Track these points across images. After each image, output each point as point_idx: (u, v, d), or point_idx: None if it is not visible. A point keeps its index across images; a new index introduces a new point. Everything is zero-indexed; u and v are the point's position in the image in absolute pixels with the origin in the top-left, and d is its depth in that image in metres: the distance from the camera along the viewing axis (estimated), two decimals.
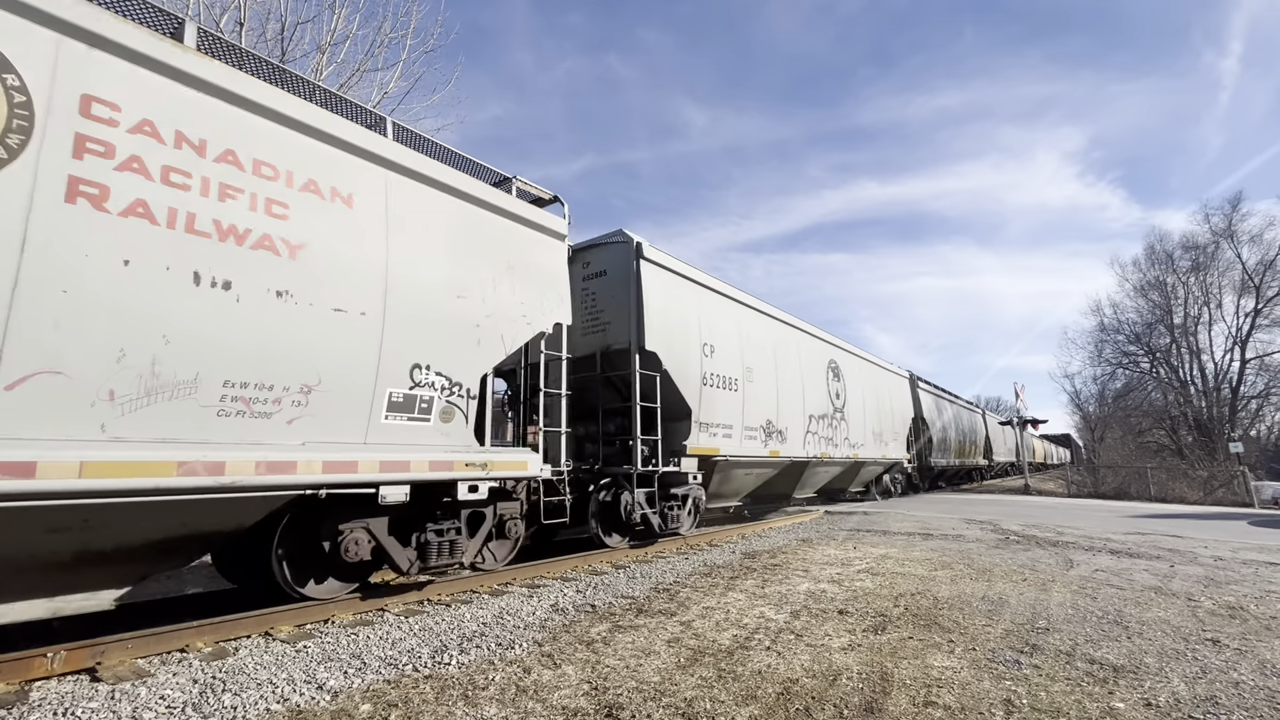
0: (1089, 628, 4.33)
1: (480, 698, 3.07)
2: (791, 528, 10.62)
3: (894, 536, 9.36)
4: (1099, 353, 42.44)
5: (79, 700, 2.97)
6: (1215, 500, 21.58)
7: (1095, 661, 3.62)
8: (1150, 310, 39.15)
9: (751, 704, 2.99)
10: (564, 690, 3.16)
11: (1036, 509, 15.94)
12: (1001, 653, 3.76)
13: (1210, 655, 3.77)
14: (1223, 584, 5.97)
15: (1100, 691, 3.17)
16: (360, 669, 3.46)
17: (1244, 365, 34.74)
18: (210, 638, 3.90)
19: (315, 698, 3.06)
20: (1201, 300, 36.90)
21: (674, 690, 3.15)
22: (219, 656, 3.64)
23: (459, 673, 3.42)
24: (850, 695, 3.10)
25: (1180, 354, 37.73)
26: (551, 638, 4.08)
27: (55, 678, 3.28)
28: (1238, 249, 35.25)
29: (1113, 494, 24.12)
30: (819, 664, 3.56)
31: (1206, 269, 36.61)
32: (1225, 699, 3.08)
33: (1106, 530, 10.71)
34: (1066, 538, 9.39)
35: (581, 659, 3.65)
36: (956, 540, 8.93)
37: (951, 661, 3.60)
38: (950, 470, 24.64)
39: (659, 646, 3.88)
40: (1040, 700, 3.05)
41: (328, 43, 12.59)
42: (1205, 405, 35.66)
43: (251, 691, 3.11)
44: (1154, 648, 3.90)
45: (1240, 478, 22.20)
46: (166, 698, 3.02)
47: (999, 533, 9.96)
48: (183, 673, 3.37)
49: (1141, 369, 40.65)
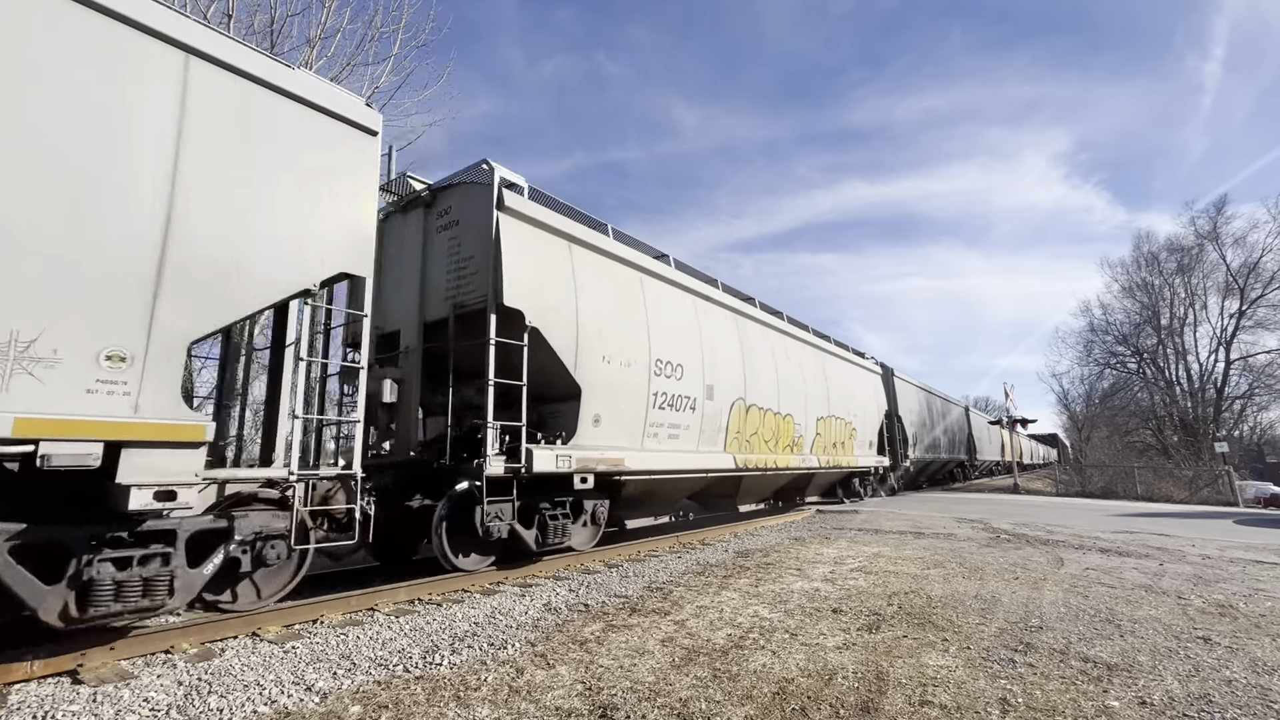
0: (1082, 626, 4.34)
1: (473, 699, 3.02)
2: (784, 526, 10.63)
3: (886, 535, 9.38)
4: (1088, 353, 42.95)
5: (59, 703, 2.90)
6: (1201, 499, 21.84)
7: (1089, 660, 3.62)
8: (1138, 311, 39.65)
9: (747, 704, 2.97)
10: (558, 691, 3.12)
11: (1026, 508, 16.06)
12: (996, 651, 3.76)
13: (1202, 653, 3.78)
14: (1212, 582, 6.02)
15: (1095, 690, 3.17)
16: (350, 670, 3.40)
17: (1228, 366, 35.27)
18: (196, 638, 3.82)
19: (303, 699, 3.00)
20: (1187, 302, 37.44)
21: (669, 690, 3.12)
22: (205, 658, 3.57)
23: (451, 673, 3.37)
24: (846, 695, 3.08)
25: (1167, 354, 38.26)
26: (544, 637, 4.03)
27: (35, 680, 3.20)
28: (1222, 251, 35.78)
29: (1100, 493, 24.37)
30: (814, 663, 3.54)
31: (1192, 271, 37.15)
32: (1219, 697, 3.09)
33: (1095, 529, 10.79)
34: (1056, 536, 9.45)
35: (575, 659, 3.60)
36: (948, 539, 8.96)
37: (946, 660, 3.59)
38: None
39: (653, 646, 3.84)
40: (1036, 699, 3.04)
41: (317, 36, 12.45)
42: (1191, 405, 36.13)
43: (238, 693, 3.05)
44: (1146, 646, 3.91)
45: (1225, 477, 22.49)
46: (150, 700, 2.95)
47: (990, 531, 10.01)
48: (167, 675, 3.30)
49: (1129, 369, 41.15)
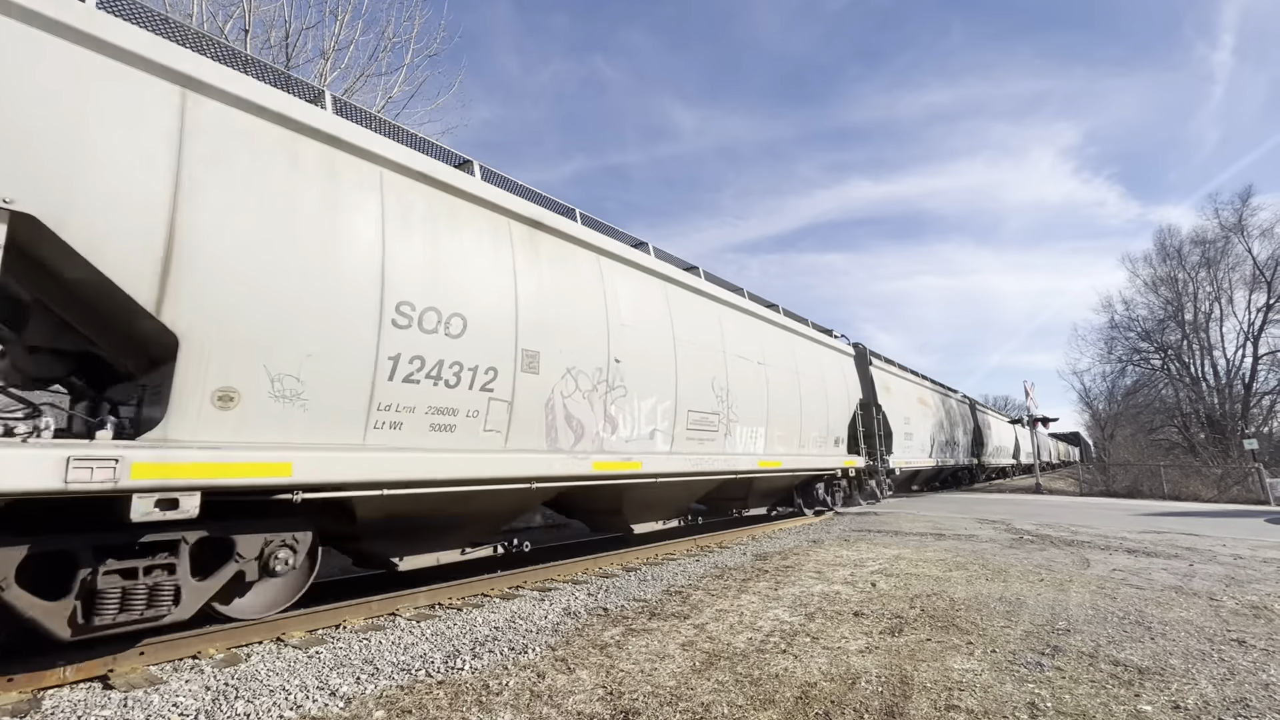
0: (1110, 628, 4.25)
1: (494, 703, 3.03)
2: (801, 529, 10.54)
3: (906, 537, 9.27)
4: (1109, 350, 42.08)
5: (91, 708, 2.95)
6: (1230, 498, 21.30)
7: (1119, 663, 3.55)
8: (1161, 306, 38.79)
9: (770, 708, 2.94)
10: (579, 695, 3.12)
11: (1048, 508, 15.78)
12: (1022, 654, 3.69)
13: (1237, 656, 3.69)
14: (1244, 583, 5.87)
15: (1126, 694, 3.10)
16: (373, 675, 3.43)
17: (1256, 361, 34.33)
18: (222, 644, 3.88)
19: (328, 704, 3.03)
20: (1213, 296, 36.51)
21: (690, 695, 3.10)
22: (231, 663, 3.62)
23: (472, 678, 3.38)
24: (870, 699, 3.05)
25: (1192, 350, 37.36)
26: (564, 642, 4.04)
27: (68, 686, 3.26)
28: (1248, 243, 34.89)
29: (1125, 492, 23.86)
30: (837, 667, 3.50)
31: (1217, 264, 36.22)
32: (1256, 701, 3.00)
33: (1121, 529, 10.57)
34: (1081, 537, 9.27)
35: (595, 663, 3.60)
36: (970, 540, 8.83)
37: (972, 664, 3.54)
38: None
39: (673, 650, 3.83)
40: (1065, 703, 2.98)
41: (331, 49, 12.64)
42: (1218, 402, 35.26)
43: (264, 698, 3.09)
44: (1178, 648, 3.82)
45: (1255, 475, 21.91)
46: (179, 705, 3.00)
47: (1012, 532, 9.85)
48: (195, 680, 3.35)
49: (1152, 366, 40.28)
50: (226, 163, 3.71)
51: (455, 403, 4.77)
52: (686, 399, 7.41)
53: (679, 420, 7.28)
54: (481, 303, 5.02)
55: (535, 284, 5.61)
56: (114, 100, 3.34)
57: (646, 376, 6.81)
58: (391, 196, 4.59)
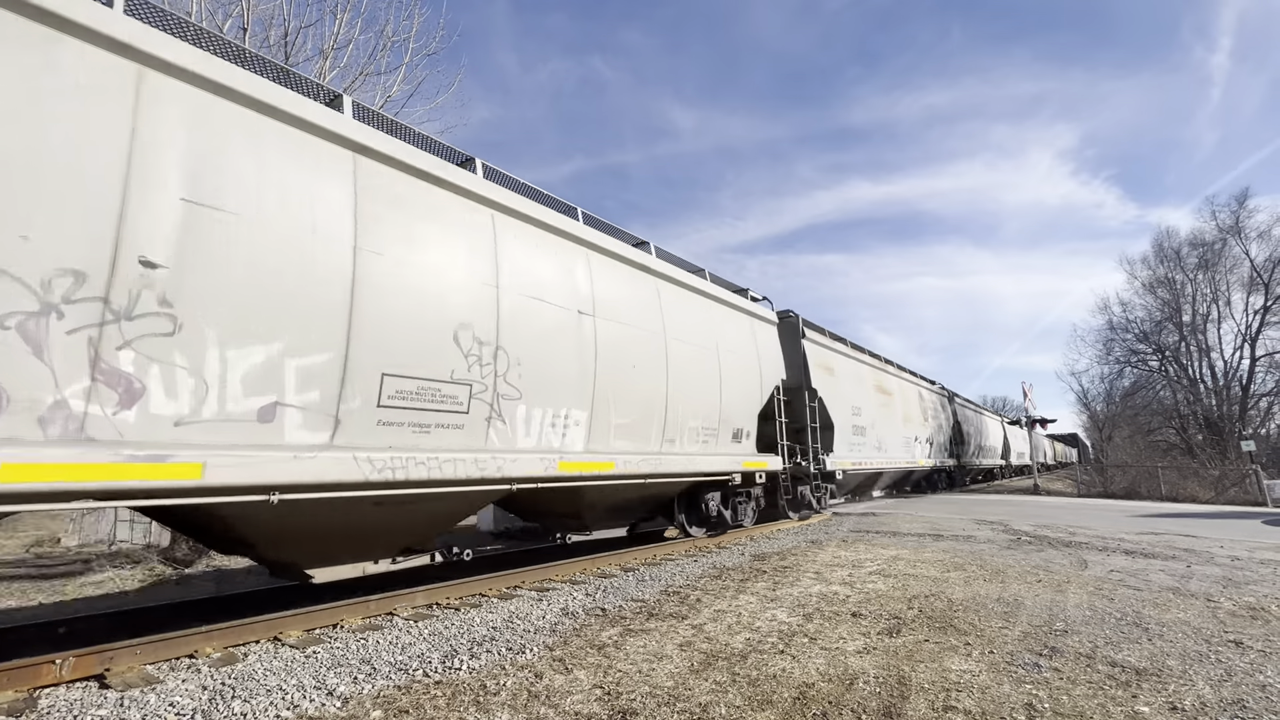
0: (1108, 630, 4.26)
1: (492, 704, 3.03)
2: (800, 529, 10.55)
3: (904, 538, 9.28)
4: (1108, 351, 42.16)
5: (88, 708, 2.94)
6: (1228, 499, 21.34)
7: (1116, 664, 3.55)
8: (1159, 308, 38.87)
9: (767, 709, 2.94)
10: (576, 696, 3.12)
11: (1047, 509, 15.80)
12: (1020, 655, 3.69)
13: (1234, 657, 3.69)
14: (1241, 584, 5.87)
15: (1124, 695, 3.10)
16: (370, 674, 3.43)
17: (1254, 363, 34.41)
18: (219, 643, 3.87)
19: (325, 704, 3.03)
20: (1210, 298, 36.60)
21: (688, 695, 3.10)
22: (228, 662, 3.62)
23: (470, 678, 3.38)
24: (868, 700, 3.05)
25: (1189, 352, 37.43)
26: (562, 642, 4.03)
27: (64, 684, 3.26)
28: (1245, 246, 34.97)
29: (1123, 493, 23.90)
30: (834, 668, 3.50)
31: (1214, 266, 36.32)
32: (1253, 702, 3.01)
33: (1119, 530, 10.58)
34: (1079, 538, 9.28)
35: (593, 663, 3.60)
36: (968, 541, 8.83)
37: (969, 665, 3.54)
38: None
39: (671, 650, 3.83)
40: (1063, 704, 2.98)
41: (330, 47, 12.62)
42: (1215, 403, 35.33)
43: (261, 698, 3.08)
44: (1176, 650, 3.82)
45: (1253, 476, 21.95)
46: (176, 704, 2.99)
47: (1010, 533, 9.86)
48: (192, 679, 3.34)
49: (1150, 367, 40.35)
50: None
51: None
52: (375, 354, 4.43)
53: (353, 390, 4.28)
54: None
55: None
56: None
57: (238, 295, 3.75)
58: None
